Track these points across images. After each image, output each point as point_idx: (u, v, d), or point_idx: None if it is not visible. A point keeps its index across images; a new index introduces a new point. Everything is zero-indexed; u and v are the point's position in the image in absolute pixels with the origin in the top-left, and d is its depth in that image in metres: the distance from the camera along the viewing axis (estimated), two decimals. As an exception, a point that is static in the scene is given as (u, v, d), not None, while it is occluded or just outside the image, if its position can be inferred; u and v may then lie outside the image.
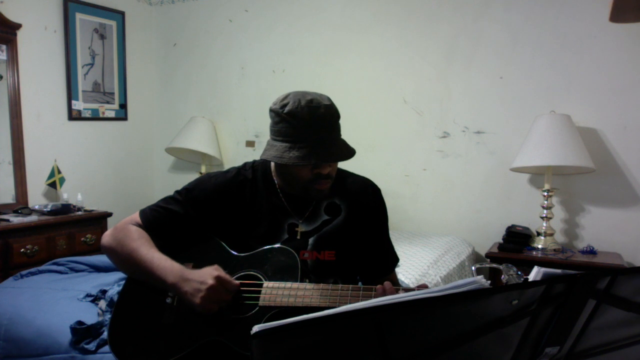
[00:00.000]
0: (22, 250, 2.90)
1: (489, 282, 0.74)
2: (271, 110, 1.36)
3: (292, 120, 1.30)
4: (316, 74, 3.57)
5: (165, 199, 1.47)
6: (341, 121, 1.40)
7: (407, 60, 3.33)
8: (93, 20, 3.69)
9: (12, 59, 3.20)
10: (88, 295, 2.11)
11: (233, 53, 3.90)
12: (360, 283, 1.53)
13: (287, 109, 1.31)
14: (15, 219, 2.96)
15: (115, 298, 1.86)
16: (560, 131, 2.69)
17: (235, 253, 1.41)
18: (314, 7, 3.59)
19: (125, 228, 1.43)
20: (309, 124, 1.30)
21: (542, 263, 2.57)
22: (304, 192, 1.41)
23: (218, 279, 1.26)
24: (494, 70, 3.10)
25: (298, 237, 1.42)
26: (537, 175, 2.99)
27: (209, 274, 1.27)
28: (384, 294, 1.22)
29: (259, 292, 1.31)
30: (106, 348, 1.73)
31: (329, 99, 1.36)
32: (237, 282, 1.31)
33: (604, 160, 2.84)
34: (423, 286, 1.29)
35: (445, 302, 0.67)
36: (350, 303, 0.99)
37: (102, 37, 3.77)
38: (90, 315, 1.92)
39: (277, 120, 1.34)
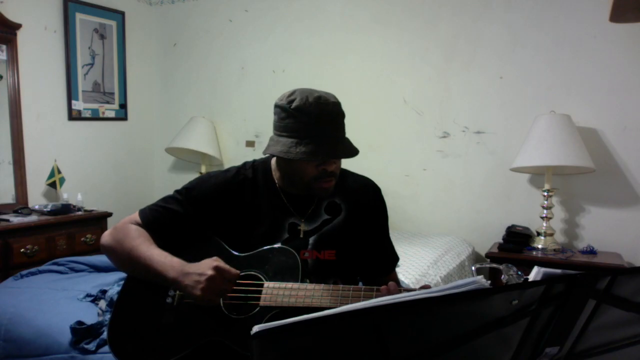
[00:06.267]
0: (22, 250, 2.89)
1: (489, 282, 0.74)
2: (277, 106, 1.35)
3: (299, 115, 1.30)
4: (316, 74, 3.57)
5: (165, 199, 1.47)
6: (341, 121, 1.40)
7: (407, 60, 3.33)
8: (93, 20, 3.69)
9: (12, 59, 3.20)
10: (88, 295, 2.11)
11: (233, 53, 3.90)
12: (360, 283, 1.53)
13: (294, 104, 1.30)
14: (15, 219, 2.96)
15: (115, 298, 1.86)
16: (560, 131, 2.69)
17: (236, 253, 1.41)
18: (314, 7, 3.59)
19: (125, 227, 1.42)
20: (316, 120, 1.29)
21: (542, 263, 2.57)
22: (307, 190, 1.40)
23: (217, 268, 1.26)
24: (494, 70, 3.10)
25: (301, 236, 1.42)
26: (537, 175, 2.99)
27: (207, 265, 1.27)
28: (388, 294, 1.22)
29: (260, 292, 1.31)
30: (106, 348, 1.72)
31: (335, 97, 1.36)
32: (237, 270, 1.30)
33: (604, 160, 2.84)
34: (426, 286, 1.29)
35: (446, 302, 0.67)
36: (351, 303, 0.99)
37: (102, 37, 3.77)
38: (90, 315, 1.93)
39: (283, 116, 1.33)
